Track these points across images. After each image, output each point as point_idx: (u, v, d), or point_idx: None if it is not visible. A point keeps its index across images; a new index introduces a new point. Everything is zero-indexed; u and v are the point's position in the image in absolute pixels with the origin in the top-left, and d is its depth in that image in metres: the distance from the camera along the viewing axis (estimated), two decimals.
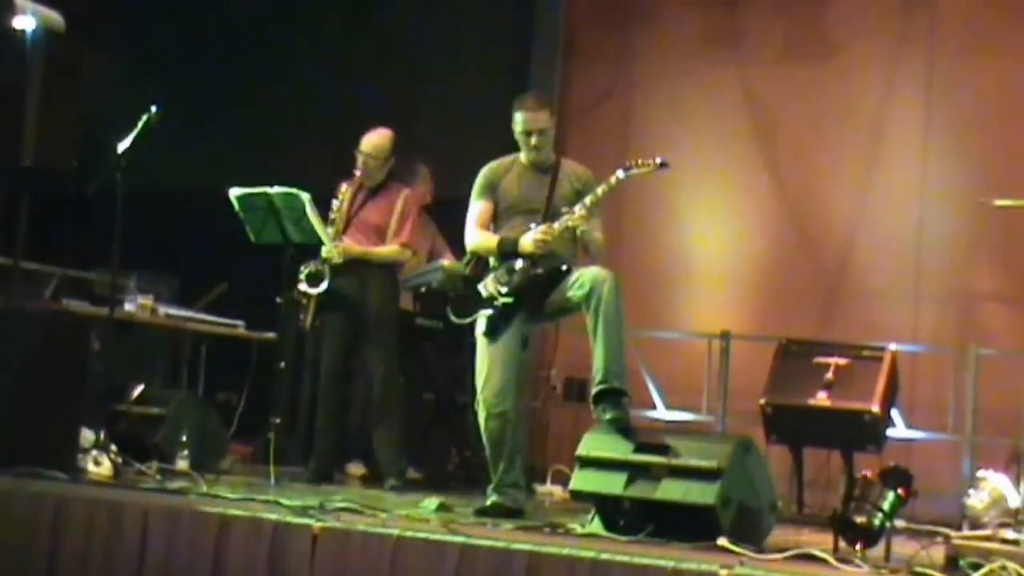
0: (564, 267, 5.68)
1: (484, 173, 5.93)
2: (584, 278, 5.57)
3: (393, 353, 7.05)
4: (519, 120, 5.80)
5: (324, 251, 6.92)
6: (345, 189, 7.11)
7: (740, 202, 8.96)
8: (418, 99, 9.39)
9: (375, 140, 7.12)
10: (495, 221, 5.89)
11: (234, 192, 6.86)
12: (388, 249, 7.06)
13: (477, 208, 5.89)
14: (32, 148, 6.54)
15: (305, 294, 6.91)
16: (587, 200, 5.64)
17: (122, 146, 6.37)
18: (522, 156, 5.88)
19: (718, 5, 9.13)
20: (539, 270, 5.68)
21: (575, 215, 5.62)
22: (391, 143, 7.14)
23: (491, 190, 5.88)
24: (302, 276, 6.90)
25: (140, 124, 6.39)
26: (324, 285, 6.88)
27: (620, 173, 5.65)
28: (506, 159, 5.95)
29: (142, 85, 8.53)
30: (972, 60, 8.28)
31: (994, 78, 8.23)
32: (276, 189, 6.77)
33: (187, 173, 9.48)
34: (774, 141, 8.88)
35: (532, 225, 5.70)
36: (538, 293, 5.70)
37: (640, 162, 5.66)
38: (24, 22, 6.77)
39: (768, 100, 8.90)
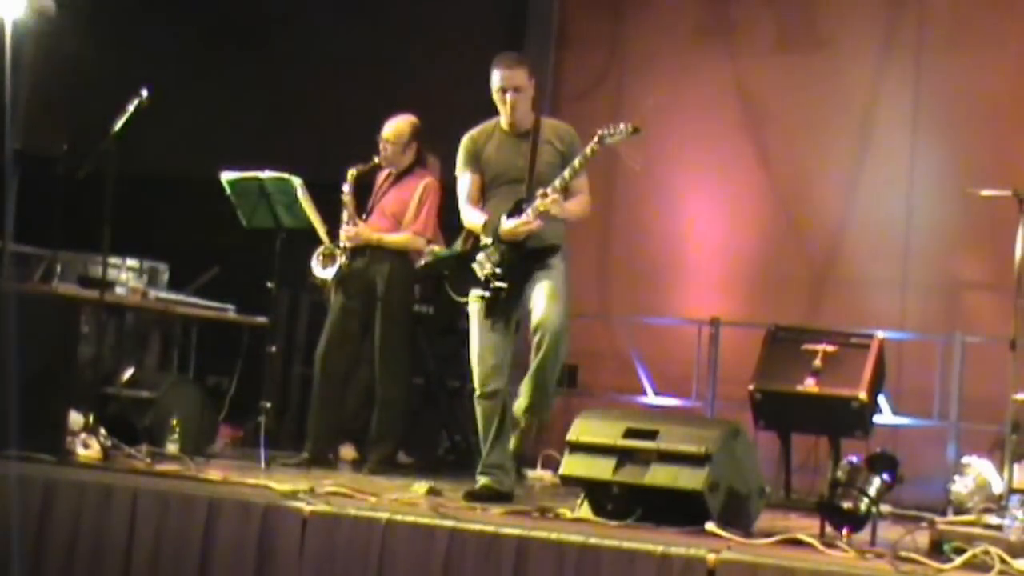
0: (550, 244, 5.68)
1: (465, 143, 5.86)
2: (537, 311, 5.56)
3: (399, 340, 6.93)
4: (495, 77, 5.74)
5: (341, 234, 6.88)
6: (354, 174, 6.96)
7: (730, 190, 8.97)
8: (409, 86, 9.36)
9: (393, 125, 7.03)
10: (482, 191, 5.83)
11: (226, 176, 6.85)
12: (399, 237, 6.92)
13: (465, 182, 5.83)
14: (22, 132, 6.54)
15: (321, 278, 6.90)
16: (566, 174, 5.60)
17: (113, 130, 6.37)
18: (502, 121, 5.80)
19: None
20: (525, 248, 5.66)
21: (548, 200, 5.54)
22: (411, 129, 7.03)
23: (475, 160, 5.81)
24: (316, 259, 6.89)
25: (131, 108, 6.39)
26: (335, 268, 6.87)
27: (595, 142, 5.61)
28: (486, 125, 5.87)
29: (133, 69, 8.51)
30: (960, 51, 8.30)
31: (981, 69, 8.24)
32: (267, 173, 6.76)
33: (178, 157, 9.47)
34: (764, 131, 8.89)
35: (519, 200, 5.66)
36: (528, 270, 5.68)
37: (613, 130, 5.62)
38: (12, 6, 6.75)
39: (759, 90, 8.91)
